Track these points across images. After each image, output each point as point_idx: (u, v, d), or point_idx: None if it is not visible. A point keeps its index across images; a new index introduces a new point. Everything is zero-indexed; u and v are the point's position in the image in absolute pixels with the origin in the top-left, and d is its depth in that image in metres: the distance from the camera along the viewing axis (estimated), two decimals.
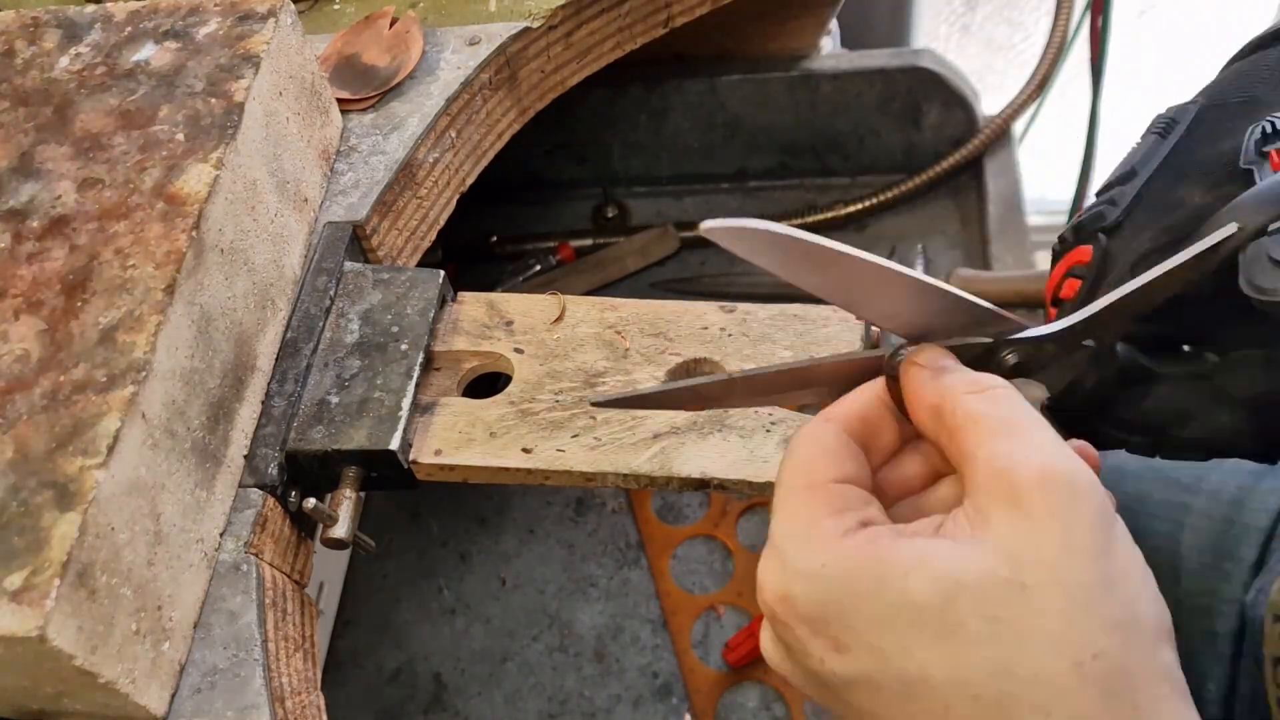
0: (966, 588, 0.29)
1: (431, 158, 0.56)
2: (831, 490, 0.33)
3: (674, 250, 0.93)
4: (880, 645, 0.30)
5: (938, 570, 0.30)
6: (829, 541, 0.31)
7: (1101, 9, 0.84)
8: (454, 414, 0.47)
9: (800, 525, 0.32)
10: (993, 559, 0.30)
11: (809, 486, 0.33)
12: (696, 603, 0.77)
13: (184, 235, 0.42)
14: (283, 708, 0.40)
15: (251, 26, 0.50)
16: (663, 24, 0.66)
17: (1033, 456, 0.30)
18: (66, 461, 0.37)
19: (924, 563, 0.30)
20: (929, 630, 0.30)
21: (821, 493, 0.33)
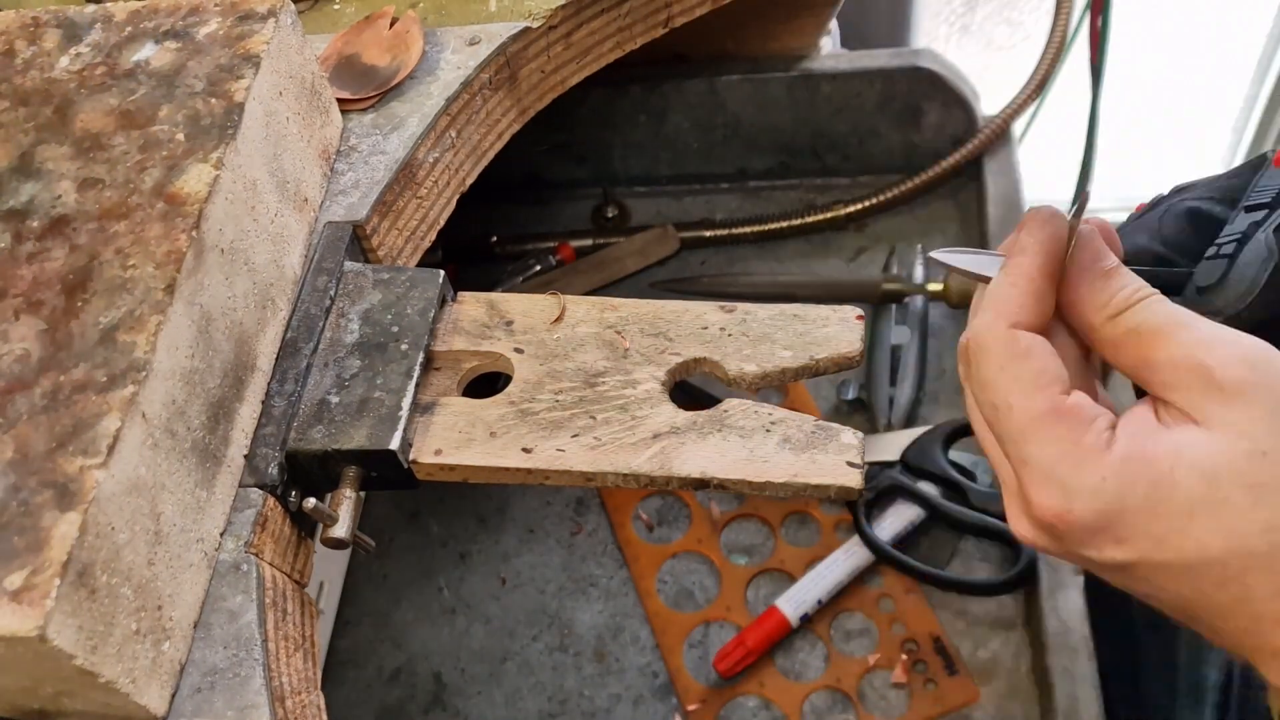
0: (1222, 467, 0.33)
1: (431, 158, 0.56)
2: (1074, 404, 0.36)
3: (674, 250, 0.93)
4: (1159, 533, 0.34)
5: (1195, 459, 0.34)
6: (1099, 458, 0.35)
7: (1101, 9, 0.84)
8: (454, 414, 0.47)
9: (1066, 446, 0.35)
10: (1232, 438, 0.34)
11: (1051, 410, 0.36)
12: (686, 621, 0.77)
13: (184, 235, 0.43)
14: (283, 707, 0.40)
15: (252, 26, 0.50)
16: (663, 24, 0.66)
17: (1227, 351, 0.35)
18: (66, 461, 0.37)
19: (1181, 457, 0.34)
20: (1201, 511, 0.34)
21: (1069, 411, 0.36)
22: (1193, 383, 0.35)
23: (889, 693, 0.72)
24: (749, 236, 0.93)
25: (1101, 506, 0.35)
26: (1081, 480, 0.35)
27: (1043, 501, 0.36)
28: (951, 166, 0.89)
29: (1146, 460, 0.35)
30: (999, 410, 0.37)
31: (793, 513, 0.81)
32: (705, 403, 0.46)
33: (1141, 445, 0.35)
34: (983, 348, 0.37)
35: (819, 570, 0.75)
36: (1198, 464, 0.34)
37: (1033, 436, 0.36)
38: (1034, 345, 0.37)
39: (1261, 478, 0.33)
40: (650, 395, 0.46)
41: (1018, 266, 0.38)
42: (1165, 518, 0.34)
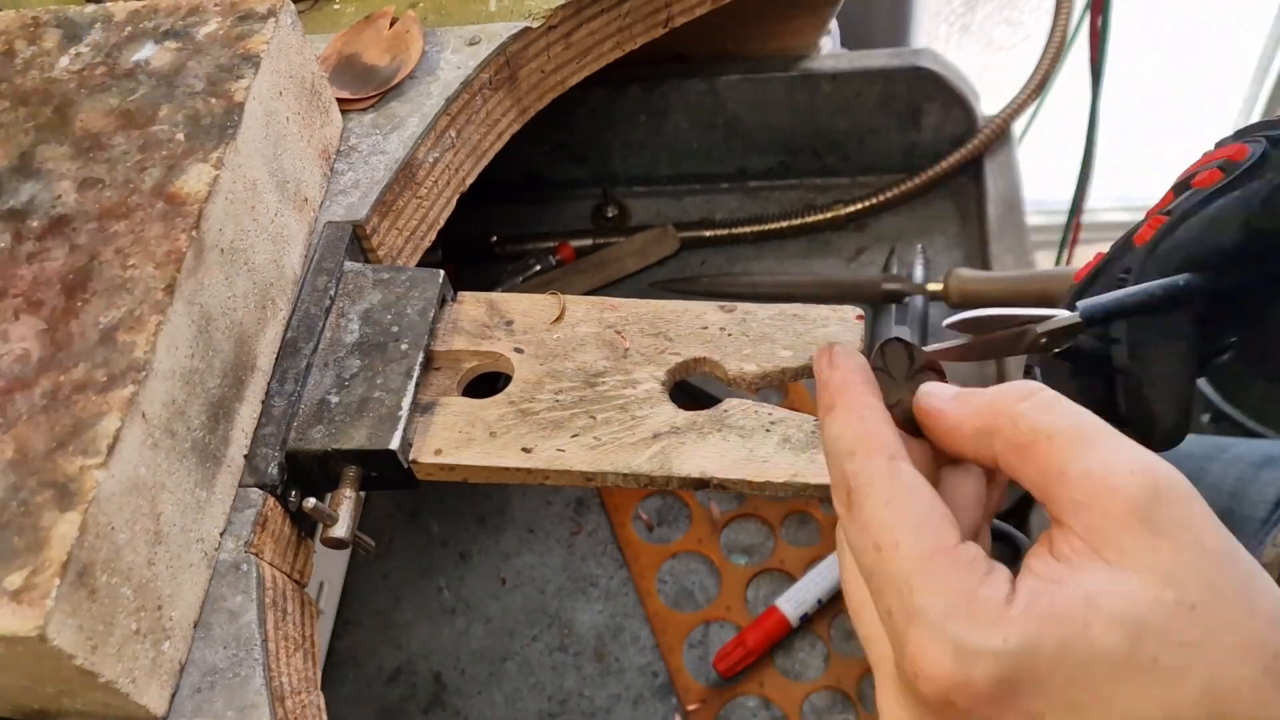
0: (1147, 623, 0.29)
1: (431, 157, 0.56)
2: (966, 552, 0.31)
3: (674, 250, 0.93)
4: (1080, 702, 0.29)
5: (1114, 612, 0.29)
6: (997, 613, 0.29)
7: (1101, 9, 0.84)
8: (454, 414, 0.47)
9: (957, 599, 0.30)
10: (1155, 586, 0.29)
11: (943, 552, 0.31)
12: (686, 620, 0.77)
13: (184, 235, 0.43)
14: (283, 707, 0.40)
15: (251, 26, 0.50)
16: (662, 24, 0.66)
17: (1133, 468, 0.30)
18: (66, 461, 0.37)
19: (1097, 608, 0.29)
20: (1126, 675, 0.29)
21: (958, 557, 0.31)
22: (1110, 507, 0.30)
23: None
24: (749, 236, 0.93)
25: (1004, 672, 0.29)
26: (980, 640, 0.29)
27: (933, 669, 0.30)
28: (951, 166, 0.89)
29: (1056, 615, 0.29)
30: (882, 551, 0.31)
31: (793, 512, 0.81)
32: (705, 403, 0.46)
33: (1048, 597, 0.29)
34: (866, 484, 0.32)
35: (819, 570, 0.75)
36: (1117, 617, 0.29)
37: (921, 582, 0.30)
38: (918, 481, 0.32)
39: (1191, 636, 0.28)
40: (650, 395, 0.46)
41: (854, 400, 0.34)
42: (1084, 686, 0.29)
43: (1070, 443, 0.31)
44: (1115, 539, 0.29)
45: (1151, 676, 0.28)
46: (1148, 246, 0.44)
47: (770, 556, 0.79)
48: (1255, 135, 0.44)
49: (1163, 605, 0.29)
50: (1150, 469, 0.30)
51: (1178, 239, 0.43)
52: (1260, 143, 0.43)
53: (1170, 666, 0.28)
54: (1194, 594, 0.29)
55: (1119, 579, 0.29)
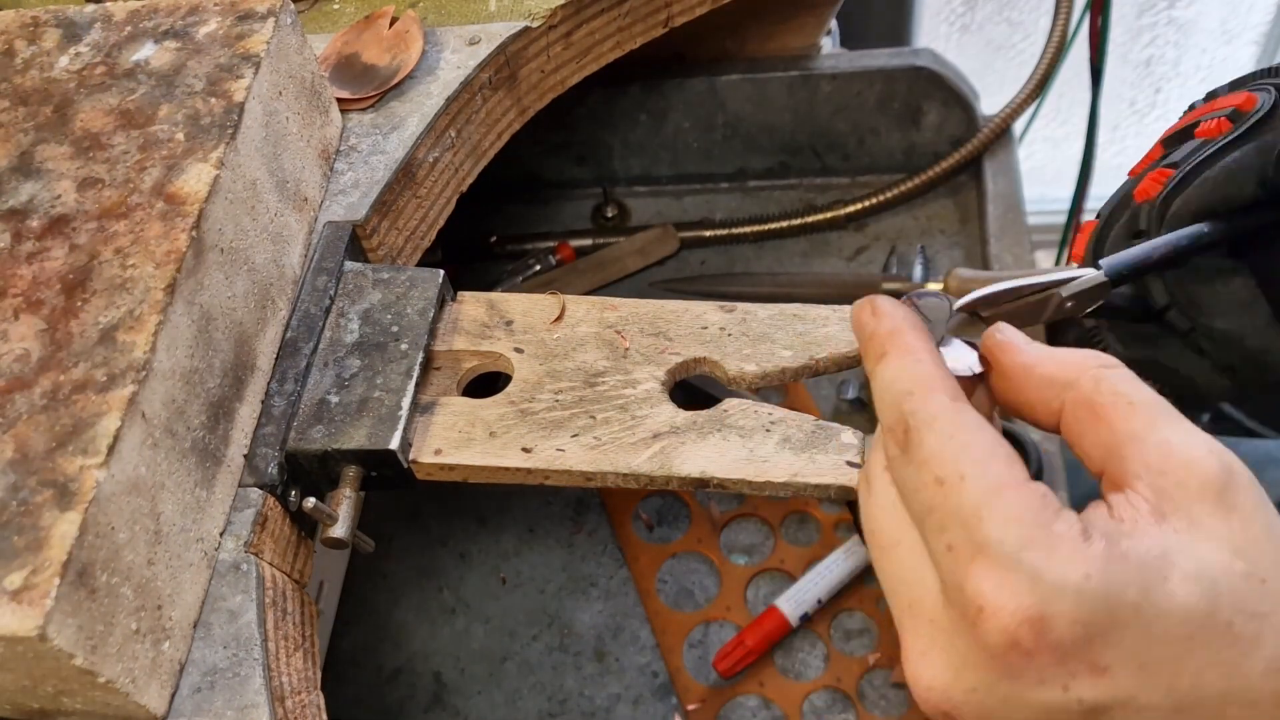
0: (1222, 586, 0.28)
1: (431, 157, 0.56)
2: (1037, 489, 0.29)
3: (674, 250, 0.93)
4: (1150, 659, 0.27)
5: (1192, 570, 0.28)
6: (1079, 548, 0.28)
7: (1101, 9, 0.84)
8: (454, 414, 0.47)
9: (1033, 530, 0.28)
10: (1226, 554, 0.28)
11: (1016, 486, 0.29)
12: (686, 620, 0.77)
13: (184, 235, 0.43)
14: (283, 707, 0.40)
15: (251, 26, 0.50)
16: (662, 24, 0.66)
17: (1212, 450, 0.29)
18: (66, 461, 0.37)
19: (1175, 563, 0.28)
20: (1201, 637, 0.27)
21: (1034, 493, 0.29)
22: (1186, 478, 0.29)
23: (889, 692, 0.72)
24: (749, 236, 0.93)
25: (1085, 614, 0.27)
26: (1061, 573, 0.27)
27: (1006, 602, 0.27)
28: (951, 166, 0.89)
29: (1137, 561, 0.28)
30: (946, 484, 0.29)
31: (793, 512, 0.81)
32: (705, 402, 0.46)
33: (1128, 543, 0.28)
34: (927, 420, 0.31)
35: (819, 570, 0.75)
36: (1196, 576, 0.27)
37: (992, 513, 0.28)
38: (982, 421, 0.31)
39: (1263, 607, 0.27)
40: (650, 395, 0.46)
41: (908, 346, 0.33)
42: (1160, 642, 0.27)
43: (1152, 413, 0.30)
44: (1187, 508, 0.28)
45: (1225, 642, 0.27)
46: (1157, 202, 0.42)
47: (770, 556, 0.79)
48: (1261, 84, 0.42)
49: (1236, 574, 0.28)
50: (1227, 453, 0.30)
51: (1192, 193, 0.41)
52: (1269, 91, 0.42)
53: (1243, 634, 0.27)
54: (1265, 569, 0.28)
55: (1193, 542, 0.28)
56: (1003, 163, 0.89)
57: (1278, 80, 0.42)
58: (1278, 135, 0.41)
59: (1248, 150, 0.41)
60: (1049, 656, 0.27)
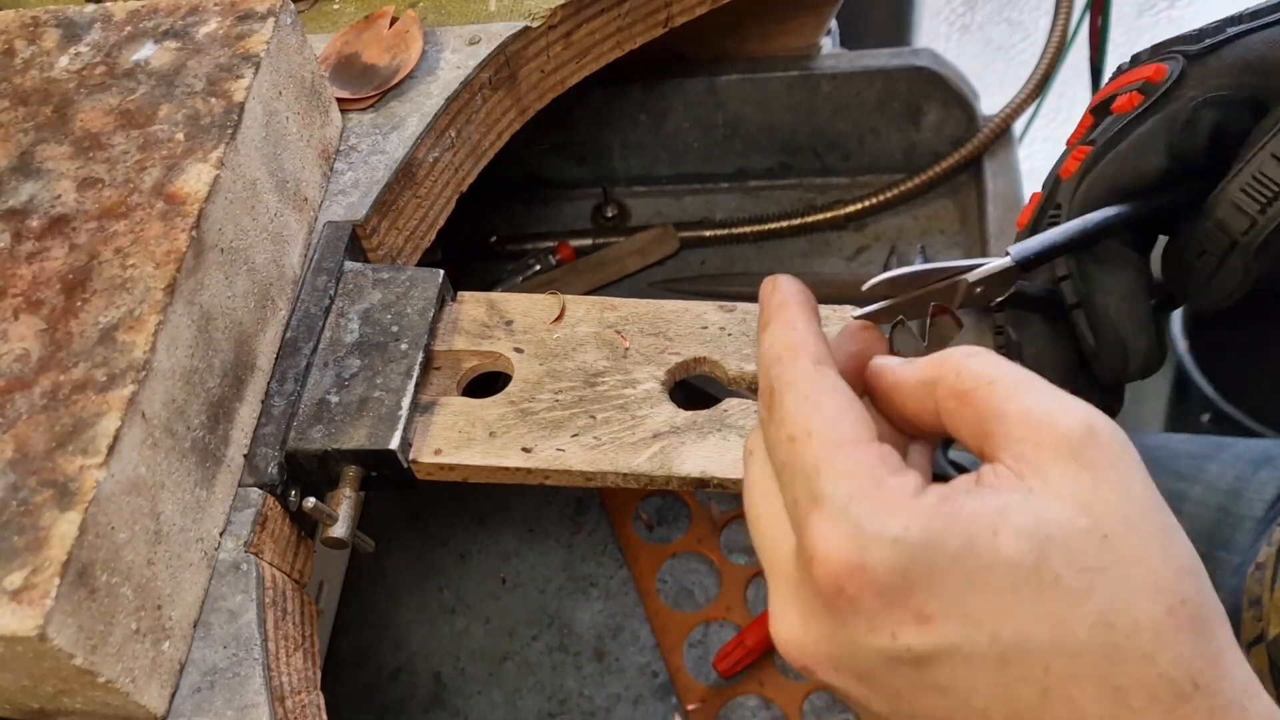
0: (1056, 541, 0.28)
1: (431, 157, 0.56)
2: (879, 448, 0.30)
3: (674, 250, 0.93)
4: (973, 610, 0.28)
5: (1024, 524, 0.28)
6: (904, 501, 0.29)
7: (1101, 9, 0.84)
8: (454, 413, 0.47)
9: (864, 484, 0.29)
10: (1070, 510, 0.28)
11: (856, 442, 0.30)
12: (686, 620, 0.77)
13: (184, 234, 0.43)
14: (282, 707, 0.40)
15: (251, 26, 0.50)
16: (662, 24, 0.66)
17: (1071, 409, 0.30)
18: (66, 461, 0.37)
19: (1007, 518, 0.28)
20: (1026, 588, 0.28)
21: (872, 450, 0.30)
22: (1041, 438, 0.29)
23: None
24: (749, 236, 0.93)
25: (903, 562, 0.28)
26: (881, 524, 0.28)
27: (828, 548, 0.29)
28: (951, 166, 0.89)
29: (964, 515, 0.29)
30: (795, 441, 0.31)
31: None
32: (705, 402, 0.46)
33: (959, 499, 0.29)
34: (788, 383, 0.32)
35: None
36: (1029, 531, 0.28)
37: (829, 467, 0.30)
38: (840, 384, 0.32)
39: (1098, 562, 0.28)
40: (650, 395, 0.46)
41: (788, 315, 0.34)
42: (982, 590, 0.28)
43: (1012, 387, 0.31)
44: (1041, 467, 0.29)
45: (1051, 594, 0.28)
46: (1075, 179, 0.43)
47: None
48: (1171, 52, 0.43)
49: (1075, 528, 0.28)
50: (1089, 412, 0.30)
51: (1103, 170, 0.42)
52: (1177, 60, 0.42)
53: (1071, 587, 0.28)
54: (1108, 525, 0.28)
55: (1036, 499, 0.29)
56: (1003, 163, 0.89)
57: (1188, 47, 0.42)
58: (1183, 105, 0.41)
59: (1155, 122, 0.42)
60: (874, 603, 0.29)
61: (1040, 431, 0.30)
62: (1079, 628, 0.28)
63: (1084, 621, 0.28)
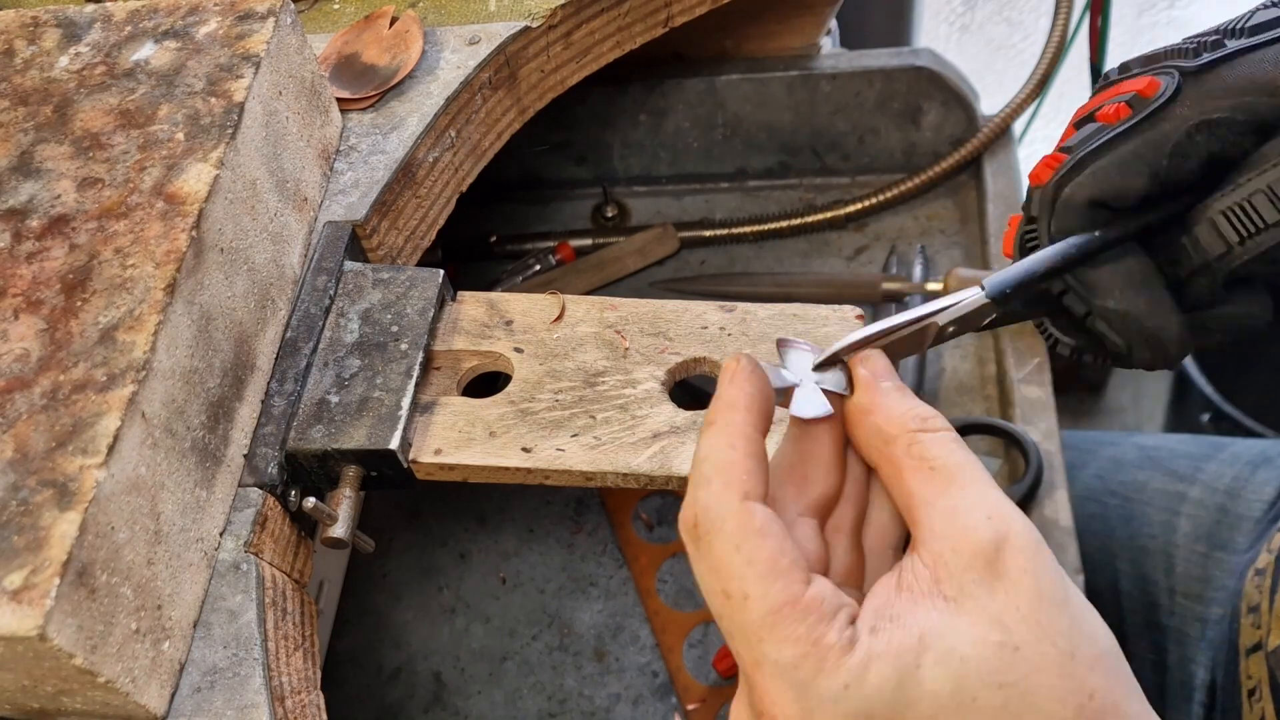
0: (970, 662, 0.30)
1: (431, 157, 0.56)
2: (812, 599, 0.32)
3: (674, 250, 0.93)
4: None
5: (941, 652, 0.30)
6: (840, 658, 0.31)
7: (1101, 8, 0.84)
8: (454, 413, 0.47)
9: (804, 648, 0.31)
10: (983, 627, 0.31)
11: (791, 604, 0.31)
12: (686, 620, 0.77)
13: (184, 234, 0.43)
14: (282, 707, 0.40)
15: (251, 26, 0.50)
16: (662, 24, 0.66)
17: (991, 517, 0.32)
18: (66, 460, 0.37)
19: (926, 647, 0.30)
20: (947, 715, 0.30)
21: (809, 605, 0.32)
22: (961, 545, 0.31)
23: None
24: (749, 236, 0.93)
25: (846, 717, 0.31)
26: (823, 687, 0.31)
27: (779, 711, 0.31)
28: (951, 166, 0.89)
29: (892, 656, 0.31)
30: (731, 600, 0.32)
31: None
32: (705, 402, 0.46)
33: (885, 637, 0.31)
34: (715, 524, 0.33)
35: None
36: (944, 658, 0.30)
37: (769, 634, 0.31)
38: (769, 523, 0.33)
39: (1010, 677, 0.30)
40: (650, 395, 0.46)
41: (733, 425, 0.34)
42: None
43: (947, 479, 0.32)
44: (958, 576, 0.31)
45: (970, 715, 0.30)
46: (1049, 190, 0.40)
47: None
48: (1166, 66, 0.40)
49: (988, 646, 0.30)
50: (1006, 519, 0.32)
51: (1082, 182, 0.40)
52: (1172, 76, 0.40)
53: (988, 705, 0.30)
54: (1019, 636, 0.30)
55: (951, 618, 0.31)
56: (1003, 162, 0.89)
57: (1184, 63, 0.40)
58: (1174, 126, 0.39)
59: (1141, 141, 0.40)
60: None
61: (959, 537, 0.31)
62: None
63: None
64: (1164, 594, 0.70)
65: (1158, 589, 0.71)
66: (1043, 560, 0.31)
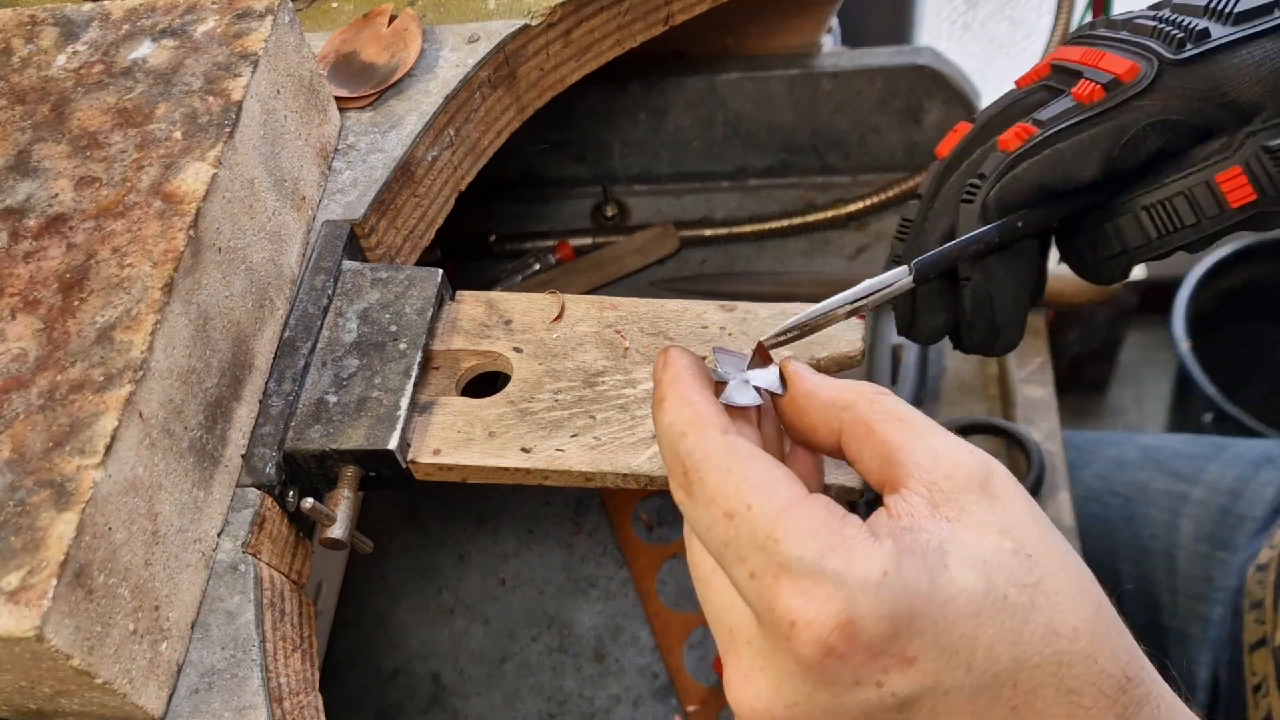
0: (993, 566, 0.30)
1: (430, 156, 0.56)
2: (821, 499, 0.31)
3: (674, 249, 0.93)
4: (948, 642, 0.29)
5: (964, 554, 0.30)
6: (872, 547, 0.29)
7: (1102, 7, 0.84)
8: (453, 413, 0.46)
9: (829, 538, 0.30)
10: (994, 537, 0.31)
11: (802, 500, 0.31)
12: (686, 621, 0.77)
13: (181, 234, 0.42)
14: (281, 708, 0.40)
15: (249, 24, 0.50)
16: (662, 21, 0.66)
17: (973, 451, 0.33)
18: (64, 461, 0.37)
19: (948, 550, 0.30)
20: (986, 613, 0.30)
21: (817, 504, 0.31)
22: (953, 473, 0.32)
23: None
24: (749, 235, 0.92)
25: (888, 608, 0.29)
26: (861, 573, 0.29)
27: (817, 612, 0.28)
28: None
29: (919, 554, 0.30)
30: (735, 517, 0.30)
31: None
32: None
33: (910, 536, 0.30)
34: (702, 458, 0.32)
35: None
36: (970, 561, 0.30)
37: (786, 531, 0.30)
38: (754, 449, 0.32)
39: (1031, 579, 0.30)
40: (650, 395, 0.46)
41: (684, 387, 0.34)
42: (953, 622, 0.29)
43: (919, 428, 0.33)
44: (956, 498, 0.31)
45: (1006, 614, 0.30)
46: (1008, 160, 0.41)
47: None
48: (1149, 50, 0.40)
49: (1004, 552, 0.30)
50: (986, 455, 0.33)
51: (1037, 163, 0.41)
52: (1151, 63, 0.39)
53: (1019, 603, 0.30)
54: (1030, 546, 0.31)
55: (962, 532, 0.31)
56: None
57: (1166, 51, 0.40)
58: (1136, 119, 0.40)
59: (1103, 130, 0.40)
60: (862, 656, 0.29)
61: (950, 466, 0.32)
62: (1034, 640, 0.30)
63: (1035, 634, 0.30)
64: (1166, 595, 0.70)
65: (1160, 590, 0.70)
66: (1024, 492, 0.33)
